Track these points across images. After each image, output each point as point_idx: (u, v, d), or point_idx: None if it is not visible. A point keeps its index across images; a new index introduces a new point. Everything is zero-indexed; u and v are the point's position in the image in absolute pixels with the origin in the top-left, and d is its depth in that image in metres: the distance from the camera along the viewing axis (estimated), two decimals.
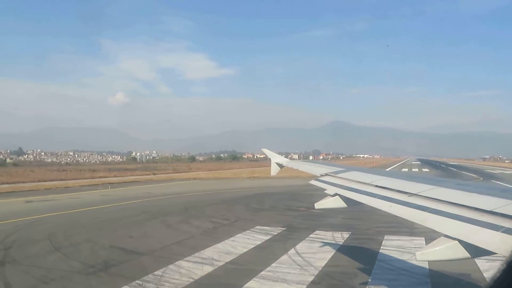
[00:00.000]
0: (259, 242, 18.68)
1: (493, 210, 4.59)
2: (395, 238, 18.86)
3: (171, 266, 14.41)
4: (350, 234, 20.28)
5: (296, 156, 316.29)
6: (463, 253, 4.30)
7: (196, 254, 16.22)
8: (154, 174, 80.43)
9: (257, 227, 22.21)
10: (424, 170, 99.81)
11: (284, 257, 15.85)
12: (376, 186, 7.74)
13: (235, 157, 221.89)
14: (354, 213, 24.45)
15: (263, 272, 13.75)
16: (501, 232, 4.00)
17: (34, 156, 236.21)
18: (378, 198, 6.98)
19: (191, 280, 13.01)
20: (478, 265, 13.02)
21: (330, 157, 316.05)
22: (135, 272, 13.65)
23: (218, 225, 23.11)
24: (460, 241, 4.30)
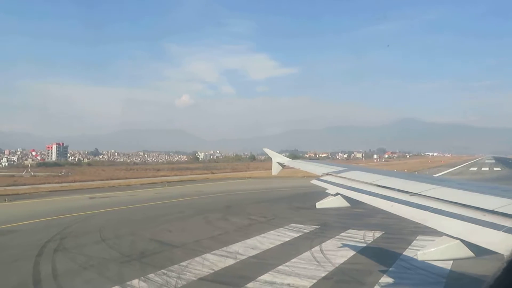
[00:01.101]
0: (287, 239, 19.29)
1: (495, 210, 4.66)
2: (428, 239, 18.39)
3: (197, 258, 15.56)
4: (383, 233, 20.17)
5: (359, 155, 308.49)
6: (464, 252, 4.34)
7: (224, 248, 17.25)
8: (212, 173, 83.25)
9: (292, 224, 22.77)
10: (495, 169, 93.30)
11: (306, 254, 16.35)
12: (378, 185, 7.81)
13: (296, 156, 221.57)
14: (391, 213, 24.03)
15: (280, 267, 14.41)
16: (503, 231, 4.03)
17: (108, 157, 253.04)
18: (380, 197, 7.09)
19: (211, 271, 14.05)
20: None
21: (395, 155, 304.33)
22: (164, 262, 14.98)
23: (254, 222, 24.00)
24: (462, 241, 4.32)
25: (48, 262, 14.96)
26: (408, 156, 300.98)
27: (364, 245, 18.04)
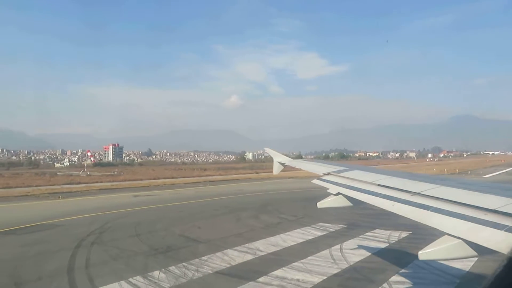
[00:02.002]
0: (310, 237, 19.63)
1: (496, 209, 4.68)
2: None
3: (218, 253, 16.39)
4: (410, 234, 19.90)
5: (412, 154, 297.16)
6: (466, 252, 4.36)
7: (246, 244, 17.95)
8: (257, 173, 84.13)
9: (319, 223, 23.02)
10: None
11: (324, 252, 16.65)
12: (379, 185, 7.85)
13: (343, 156, 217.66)
14: None
15: (295, 263, 14.88)
16: (504, 231, 4.05)
17: (160, 157, 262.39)
18: (381, 197, 7.11)
19: (228, 265, 14.80)
20: None
21: (452, 154, 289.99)
22: (187, 256, 15.95)
23: (284, 220, 24.49)
24: (463, 240, 4.34)
25: (84, 253, 16.45)
26: (465, 155, 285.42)
27: (386, 245, 18.00)
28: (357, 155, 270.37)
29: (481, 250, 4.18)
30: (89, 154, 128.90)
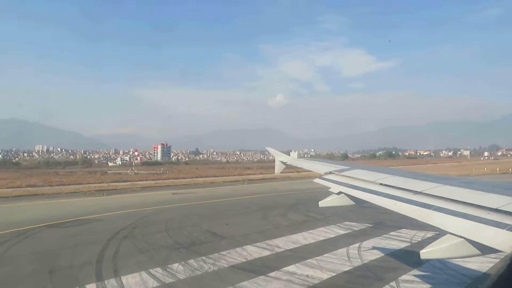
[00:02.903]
0: (332, 236, 19.84)
1: (499, 208, 4.71)
2: None
3: (237, 249, 17.08)
4: (436, 234, 19.39)
5: (467, 153, 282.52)
6: (468, 251, 4.37)
7: (267, 241, 18.50)
8: (298, 172, 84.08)
9: (345, 222, 23.11)
10: None
11: (341, 250, 16.85)
12: (381, 184, 7.93)
13: (391, 155, 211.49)
14: None
15: (309, 260, 15.24)
16: (507, 230, 4.06)
17: (207, 156, 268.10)
18: (383, 196, 7.18)
19: (244, 260, 15.44)
20: None
21: (511, 152, 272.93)
22: (207, 251, 16.77)
23: (310, 219, 24.76)
24: (465, 239, 4.36)
25: (114, 245, 17.74)
26: None
27: (407, 244, 17.84)
28: (407, 154, 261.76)
29: (483, 249, 4.18)
30: (136, 153, 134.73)
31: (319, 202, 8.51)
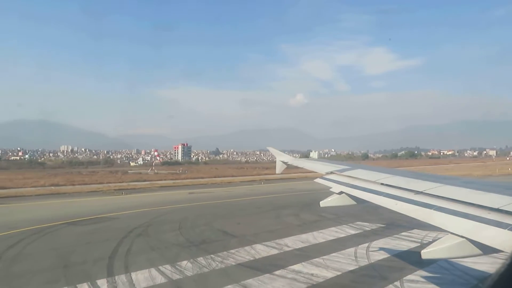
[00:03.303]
0: (342, 235, 19.90)
1: (500, 208, 4.73)
2: None
3: (246, 247, 17.36)
4: (447, 234, 19.28)
5: (492, 152, 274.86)
6: (469, 251, 4.39)
7: (276, 240, 18.72)
8: (316, 172, 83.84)
9: (357, 222, 23.09)
10: None
11: (350, 249, 16.92)
12: (382, 184, 8.02)
13: (412, 154, 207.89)
14: None
15: (315, 259, 15.40)
16: (508, 229, 4.08)
17: (227, 156, 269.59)
18: (384, 196, 7.27)
19: (252, 258, 15.71)
20: None
21: None
22: (217, 249, 17.10)
23: (323, 219, 24.80)
24: (467, 239, 4.38)
25: (128, 243, 18.30)
26: None
27: (417, 245, 17.72)
28: (430, 154, 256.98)
29: (484, 249, 4.22)
30: (155, 153, 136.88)
31: (320, 202, 8.60)
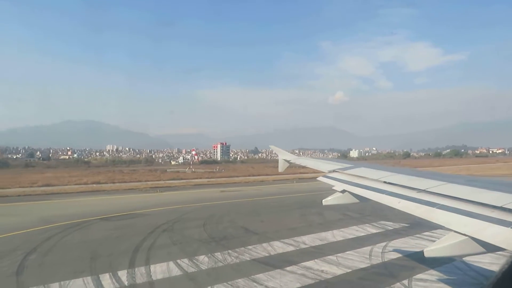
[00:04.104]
0: (362, 234, 19.91)
1: (503, 206, 4.77)
2: None
3: (264, 244, 17.85)
4: None
5: None
6: (472, 249, 4.43)
7: (295, 237, 19.06)
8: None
9: (380, 221, 22.97)
10: None
11: (366, 248, 17.00)
12: (385, 182, 8.15)
13: (457, 153, 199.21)
14: None
15: (329, 256, 15.66)
16: (511, 228, 4.12)
17: (266, 154, 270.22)
18: (387, 194, 7.34)
19: (267, 255, 16.18)
20: None
21: None
22: (235, 245, 17.72)
23: (346, 217, 24.83)
24: (470, 237, 4.41)
25: (153, 238, 19.29)
26: None
27: None
28: (478, 152, 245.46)
29: (487, 248, 4.24)
30: (193, 152, 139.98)
31: (323, 200, 8.72)
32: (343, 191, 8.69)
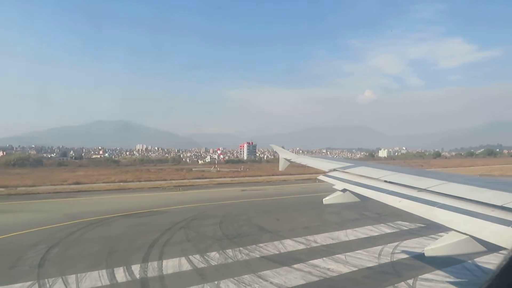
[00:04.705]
0: (376, 234, 19.90)
1: (504, 205, 4.87)
2: None
3: (275, 242, 18.16)
4: None
5: None
6: (473, 248, 4.50)
7: (307, 236, 19.28)
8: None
9: (397, 222, 22.80)
10: None
11: (377, 248, 17.05)
12: (385, 181, 8.37)
13: (491, 152, 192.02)
14: None
15: (338, 255, 15.83)
16: (511, 227, 4.18)
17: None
18: (387, 193, 7.50)
19: (277, 252, 16.51)
20: None
21: None
22: (247, 242, 18.13)
23: (363, 217, 24.77)
24: (470, 236, 4.48)
25: (170, 234, 19.94)
26: None
27: None
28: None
29: (488, 247, 4.32)
30: (219, 152, 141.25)
31: (323, 199, 9.01)
32: (344, 190, 8.86)
